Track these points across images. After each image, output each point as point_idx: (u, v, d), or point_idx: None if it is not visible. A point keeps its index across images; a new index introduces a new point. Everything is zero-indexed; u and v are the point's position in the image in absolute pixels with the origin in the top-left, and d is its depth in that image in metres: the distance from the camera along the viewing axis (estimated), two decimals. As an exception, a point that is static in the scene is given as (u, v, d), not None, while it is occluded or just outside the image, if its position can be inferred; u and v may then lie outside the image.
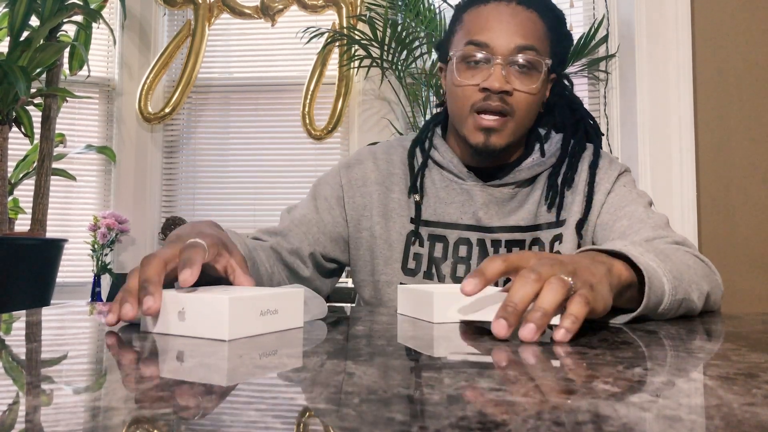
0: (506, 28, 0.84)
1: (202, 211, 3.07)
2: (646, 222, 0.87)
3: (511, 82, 0.84)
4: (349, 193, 0.95)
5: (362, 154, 1.00)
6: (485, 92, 0.84)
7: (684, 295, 0.65)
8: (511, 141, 0.87)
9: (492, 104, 0.84)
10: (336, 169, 0.99)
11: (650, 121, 2.42)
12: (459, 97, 0.87)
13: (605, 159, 0.96)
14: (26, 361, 0.39)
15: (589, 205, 0.92)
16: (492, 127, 0.85)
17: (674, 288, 0.63)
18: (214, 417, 0.26)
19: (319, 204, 0.95)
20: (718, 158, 2.32)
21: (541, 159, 0.93)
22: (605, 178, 0.93)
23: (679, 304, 0.64)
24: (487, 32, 0.84)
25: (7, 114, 2.32)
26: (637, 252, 0.63)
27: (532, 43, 0.85)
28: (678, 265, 0.67)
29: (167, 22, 3.19)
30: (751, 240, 2.24)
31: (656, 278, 0.61)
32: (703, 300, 0.70)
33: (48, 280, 2.31)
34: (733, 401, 0.29)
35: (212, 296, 0.48)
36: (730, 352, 0.43)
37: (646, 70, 2.44)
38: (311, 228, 0.93)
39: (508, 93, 0.84)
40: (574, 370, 0.36)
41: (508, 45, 0.83)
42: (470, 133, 0.87)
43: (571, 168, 0.93)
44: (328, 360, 0.39)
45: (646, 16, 2.44)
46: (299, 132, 3.03)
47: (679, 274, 0.66)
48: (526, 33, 0.85)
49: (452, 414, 0.26)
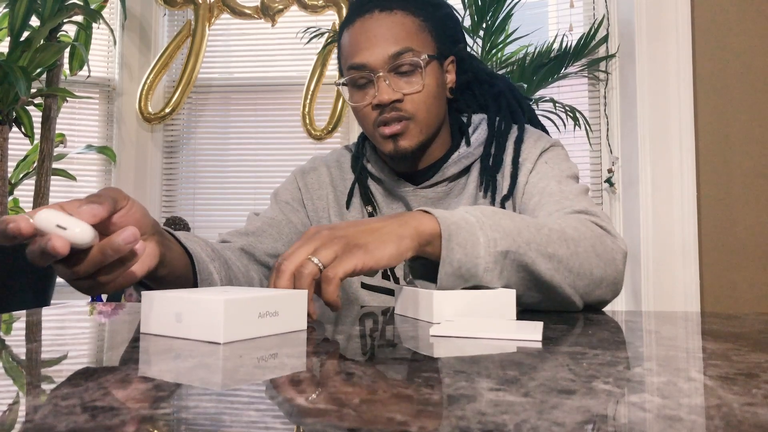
0: (375, 42, 0.86)
1: (202, 211, 3.07)
2: (553, 196, 0.84)
3: (399, 89, 0.86)
4: (306, 196, 1.00)
5: (315, 161, 1.05)
6: (379, 108, 0.87)
7: (510, 247, 0.63)
8: (422, 140, 0.89)
9: (388, 116, 0.86)
10: (292, 176, 1.03)
11: (650, 121, 2.42)
12: (361, 118, 0.91)
13: (531, 136, 0.94)
14: (26, 361, 0.39)
15: (514, 181, 0.91)
16: (395, 133, 0.87)
17: (494, 240, 0.62)
18: (214, 417, 0.26)
19: (282, 207, 0.99)
20: (718, 158, 2.32)
21: (468, 150, 0.93)
22: (529, 158, 0.92)
23: (503, 257, 0.62)
24: (360, 52, 0.87)
25: (7, 114, 2.32)
26: (460, 212, 0.64)
27: (404, 45, 0.86)
28: (529, 226, 0.66)
29: (167, 22, 3.19)
30: (751, 240, 2.24)
31: (464, 230, 0.61)
32: (577, 261, 0.67)
33: (48, 280, 2.31)
34: (733, 401, 0.29)
35: (208, 298, 0.47)
36: (730, 352, 0.43)
37: (646, 70, 2.44)
38: (283, 229, 0.96)
39: (399, 100, 0.86)
40: (574, 370, 0.36)
41: (383, 57, 0.85)
42: (381, 145, 0.90)
43: (498, 149, 0.93)
44: (328, 360, 0.39)
45: (646, 16, 2.44)
46: (299, 132, 3.03)
47: (519, 230, 0.64)
48: (396, 38, 0.86)
49: (452, 414, 0.26)
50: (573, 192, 0.84)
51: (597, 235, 0.72)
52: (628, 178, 2.53)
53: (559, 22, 2.84)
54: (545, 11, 2.93)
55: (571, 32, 2.67)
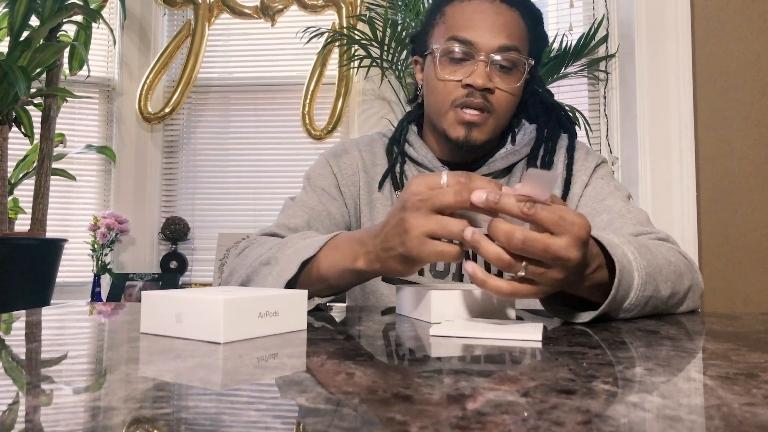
0: (490, 27, 0.84)
1: (202, 211, 3.07)
2: (626, 217, 0.86)
3: (494, 80, 0.85)
4: (342, 181, 0.97)
5: (347, 144, 1.01)
6: (468, 88, 0.84)
7: (652, 292, 0.64)
8: (491, 137, 0.88)
9: (474, 101, 0.84)
10: (324, 160, 1.00)
11: (650, 121, 2.42)
12: (440, 92, 0.87)
13: (582, 148, 0.96)
14: (26, 361, 0.39)
15: (568, 186, 0.91)
16: (474, 122, 0.86)
17: (644, 284, 0.62)
18: (214, 417, 0.26)
19: (320, 196, 0.95)
20: (718, 158, 2.32)
21: (515, 148, 0.93)
22: (582, 170, 0.92)
23: (646, 301, 0.63)
24: (472, 29, 0.85)
25: (7, 114, 2.32)
26: (618, 242, 0.63)
27: (515, 43, 0.85)
28: (658, 260, 0.67)
29: (167, 22, 3.19)
30: (751, 240, 2.24)
31: (627, 272, 0.60)
32: (679, 298, 0.70)
33: (48, 280, 2.31)
34: (733, 401, 0.29)
35: (208, 298, 0.47)
36: (730, 352, 0.43)
37: (646, 70, 2.44)
38: (324, 221, 0.92)
39: (490, 91, 0.85)
40: (574, 370, 0.36)
41: (492, 43, 0.84)
42: (451, 127, 0.87)
43: (548, 152, 0.94)
44: (328, 360, 0.39)
45: (646, 16, 2.44)
46: (299, 132, 3.03)
47: (658, 269, 0.65)
48: (509, 32, 0.85)
49: (452, 414, 0.26)
50: (643, 217, 0.86)
51: (694, 270, 0.76)
52: (628, 178, 2.54)
53: (559, 22, 2.84)
54: (545, 11, 2.93)
55: (571, 32, 2.67)
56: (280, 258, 0.72)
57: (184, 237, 2.95)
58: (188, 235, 2.99)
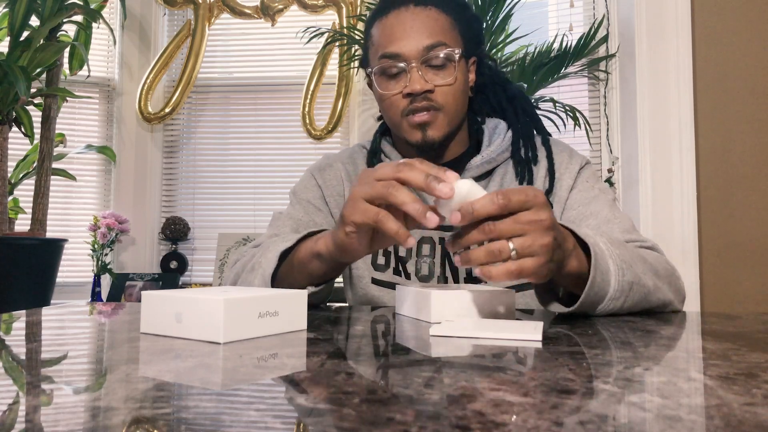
0: (411, 33, 0.88)
1: (202, 211, 3.07)
2: (613, 222, 0.89)
3: (430, 80, 0.88)
4: (327, 192, 1.01)
5: (330, 158, 1.06)
6: (409, 97, 0.89)
7: (633, 278, 0.66)
8: (449, 131, 0.91)
9: (419, 105, 0.89)
10: (309, 175, 1.04)
11: (650, 121, 2.42)
12: (389, 107, 0.92)
13: (565, 150, 0.98)
14: (26, 361, 0.39)
15: (552, 178, 0.94)
16: (425, 122, 0.89)
17: (621, 270, 0.65)
18: (214, 417, 0.26)
19: (306, 207, 0.99)
20: (718, 158, 2.32)
21: (491, 156, 0.95)
22: (566, 173, 0.94)
23: (629, 286, 0.66)
24: (395, 41, 0.89)
25: (7, 114, 2.32)
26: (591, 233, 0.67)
27: (439, 39, 0.88)
28: (632, 254, 0.70)
29: (167, 22, 3.19)
30: (751, 240, 2.24)
31: (601, 258, 0.64)
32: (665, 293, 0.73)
33: (48, 280, 2.31)
34: (733, 401, 0.29)
35: (208, 298, 0.47)
36: (730, 352, 0.43)
37: (646, 70, 2.44)
38: None
39: (431, 91, 0.88)
40: (574, 370, 0.36)
41: (417, 48, 0.88)
42: (408, 134, 0.91)
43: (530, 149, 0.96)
44: (328, 360, 0.39)
45: (646, 16, 2.44)
46: (299, 132, 3.03)
47: (632, 259, 0.68)
48: (430, 31, 0.88)
49: (452, 414, 0.26)
50: (628, 224, 0.89)
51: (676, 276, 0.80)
52: (628, 178, 2.54)
53: (559, 21, 2.84)
54: (545, 11, 2.93)
55: (571, 32, 2.67)
56: (263, 261, 0.77)
57: (184, 237, 2.95)
58: (188, 235, 2.99)
